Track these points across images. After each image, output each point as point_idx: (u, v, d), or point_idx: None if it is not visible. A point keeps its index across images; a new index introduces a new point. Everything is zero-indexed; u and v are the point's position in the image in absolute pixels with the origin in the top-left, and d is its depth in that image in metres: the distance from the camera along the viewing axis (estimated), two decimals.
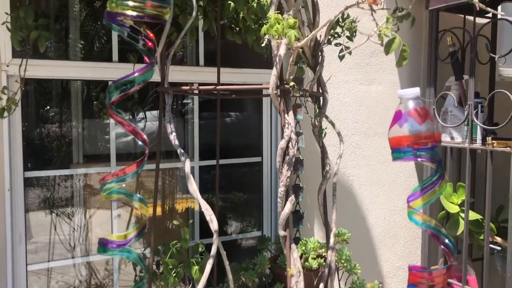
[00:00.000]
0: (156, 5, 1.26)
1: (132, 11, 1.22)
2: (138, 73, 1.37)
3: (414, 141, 1.33)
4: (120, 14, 1.23)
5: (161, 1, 1.26)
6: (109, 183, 1.42)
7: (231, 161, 2.65)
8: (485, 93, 2.86)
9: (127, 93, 1.39)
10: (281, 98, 1.55)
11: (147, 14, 1.24)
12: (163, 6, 1.27)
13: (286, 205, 1.51)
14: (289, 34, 1.30)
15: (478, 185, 2.85)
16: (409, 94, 1.35)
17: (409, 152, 1.33)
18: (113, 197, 1.46)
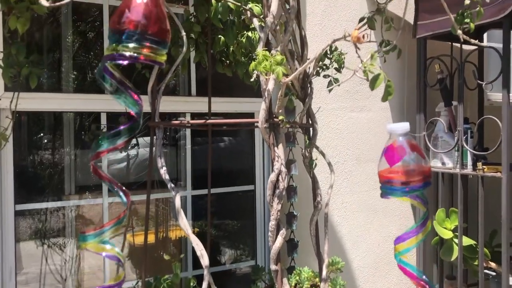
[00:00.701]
0: (154, 48, 1.28)
1: (130, 52, 1.25)
2: (124, 127, 1.38)
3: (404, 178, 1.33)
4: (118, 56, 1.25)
5: (159, 45, 1.29)
6: (88, 237, 1.42)
7: (224, 190, 2.65)
8: (475, 118, 2.90)
9: (113, 147, 1.39)
10: (270, 131, 1.56)
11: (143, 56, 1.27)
12: (160, 50, 1.30)
13: (277, 239, 1.51)
14: (277, 70, 1.32)
15: (471, 210, 2.86)
16: (399, 130, 1.36)
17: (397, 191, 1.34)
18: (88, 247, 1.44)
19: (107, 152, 1.40)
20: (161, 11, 1.31)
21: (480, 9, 1.65)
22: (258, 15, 1.51)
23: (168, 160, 3.02)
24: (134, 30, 1.25)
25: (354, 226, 2.83)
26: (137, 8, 1.26)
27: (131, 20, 1.25)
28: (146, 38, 1.26)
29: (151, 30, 1.27)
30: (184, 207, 2.61)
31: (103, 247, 1.49)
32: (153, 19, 1.27)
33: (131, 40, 1.25)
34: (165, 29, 1.32)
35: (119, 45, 1.25)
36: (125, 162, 3.20)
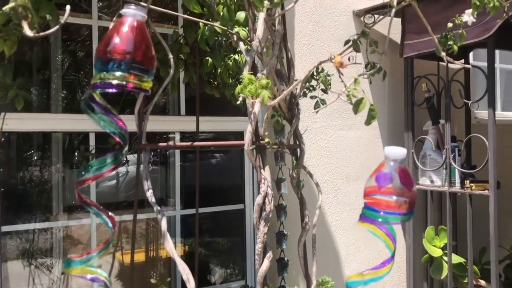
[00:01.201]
0: (140, 76, 1.29)
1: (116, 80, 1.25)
2: (110, 155, 1.38)
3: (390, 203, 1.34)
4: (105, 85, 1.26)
5: (144, 73, 1.30)
6: (73, 263, 1.41)
7: (213, 209, 2.64)
8: (462, 136, 2.93)
9: (101, 174, 1.39)
10: (257, 153, 1.57)
11: (130, 84, 1.27)
12: (146, 78, 1.31)
13: (264, 262, 1.50)
14: (262, 94, 1.34)
15: (460, 227, 2.87)
16: (396, 155, 1.36)
17: (377, 212, 1.34)
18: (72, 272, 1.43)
19: (92, 180, 1.40)
20: (147, 38, 1.32)
21: (463, 32, 1.68)
22: (245, 39, 1.52)
23: (158, 178, 3.01)
24: (120, 59, 1.25)
25: (344, 245, 2.82)
26: (123, 37, 1.27)
27: (118, 49, 1.26)
28: (132, 67, 1.27)
29: (137, 58, 1.28)
30: (173, 226, 2.60)
31: (90, 270, 1.48)
32: (139, 47, 1.28)
33: (117, 69, 1.25)
34: (151, 57, 1.33)
35: (105, 73, 1.25)
36: (115, 179, 3.18)
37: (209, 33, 1.53)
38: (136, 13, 1.29)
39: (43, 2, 1.50)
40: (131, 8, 1.28)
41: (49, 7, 1.54)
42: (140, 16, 1.29)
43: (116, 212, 2.87)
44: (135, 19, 1.29)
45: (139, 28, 1.29)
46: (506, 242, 3.07)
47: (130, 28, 1.29)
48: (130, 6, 1.27)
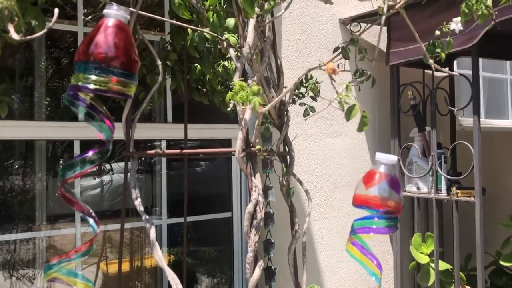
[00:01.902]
0: (122, 81, 1.24)
1: (94, 84, 1.20)
2: (92, 153, 1.34)
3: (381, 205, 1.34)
4: (81, 88, 1.21)
5: (127, 77, 1.25)
6: (53, 265, 1.37)
7: (200, 218, 2.61)
8: (448, 143, 2.96)
9: (82, 172, 1.35)
10: (247, 161, 1.55)
11: (110, 89, 1.22)
12: (129, 83, 1.26)
13: (255, 271, 1.48)
14: (254, 101, 1.32)
15: (447, 234, 2.89)
16: (387, 161, 1.37)
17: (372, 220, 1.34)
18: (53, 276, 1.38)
19: (75, 178, 1.36)
20: (130, 41, 1.27)
21: (450, 40, 1.70)
22: (235, 45, 1.52)
23: (144, 186, 2.97)
24: (100, 62, 1.20)
25: (332, 252, 2.81)
26: (103, 39, 1.22)
27: (97, 52, 1.21)
28: (113, 71, 1.22)
29: (119, 62, 1.23)
30: (160, 235, 2.56)
31: (74, 280, 1.44)
32: (120, 49, 1.23)
33: (96, 72, 1.20)
34: (134, 61, 1.28)
35: (83, 75, 1.20)
36: (99, 188, 3.13)
37: (198, 39, 1.52)
38: (118, 14, 1.24)
39: (29, 7, 1.47)
40: (113, 9, 1.24)
41: (35, 12, 1.50)
42: (122, 17, 1.24)
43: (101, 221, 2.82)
44: (116, 20, 1.25)
45: (121, 29, 1.24)
46: (491, 248, 3.10)
47: (111, 29, 1.24)
48: (112, 6, 1.22)
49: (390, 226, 1.35)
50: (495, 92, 4.27)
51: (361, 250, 1.36)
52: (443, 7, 2.44)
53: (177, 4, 1.34)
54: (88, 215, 1.40)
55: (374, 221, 1.34)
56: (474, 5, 1.31)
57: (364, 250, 1.37)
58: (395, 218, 1.34)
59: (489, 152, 3.30)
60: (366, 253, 1.37)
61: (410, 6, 2.31)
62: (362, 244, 1.36)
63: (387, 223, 1.34)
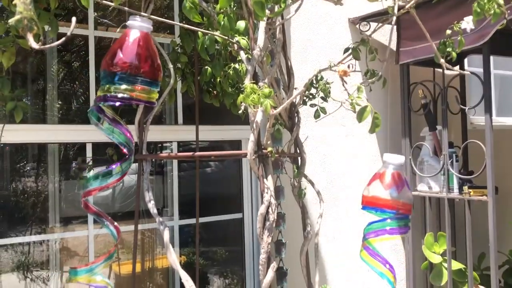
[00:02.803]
0: (146, 88, 1.29)
1: (122, 93, 1.25)
2: (116, 166, 1.38)
3: (391, 205, 1.34)
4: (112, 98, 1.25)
5: (150, 85, 1.29)
6: (79, 272, 1.40)
7: (211, 219, 2.63)
8: (459, 141, 2.94)
9: (107, 185, 1.39)
10: (259, 163, 1.56)
11: (135, 97, 1.27)
12: (152, 90, 1.31)
13: (268, 272, 1.49)
14: (265, 103, 1.33)
15: (459, 233, 2.87)
16: (395, 161, 1.37)
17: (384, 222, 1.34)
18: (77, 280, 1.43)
19: (98, 190, 1.39)
20: (153, 50, 1.32)
21: (462, 39, 1.69)
22: (245, 48, 1.52)
23: (155, 187, 2.99)
24: (126, 72, 1.25)
25: (344, 253, 2.81)
26: (129, 49, 1.26)
27: (124, 62, 1.25)
28: (138, 79, 1.27)
29: (143, 71, 1.27)
30: (172, 236, 2.58)
31: (93, 279, 1.47)
32: (145, 59, 1.28)
33: (123, 82, 1.25)
34: (157, 69, 1.33)
35: (111, 86, 1.25)
36: (110, 189, 3.15)
37: (209, 42, 1.53)
38: (142, 25, 1.28)
39: (42, 12, 1.49)
40: (137, 20, 1.28)
41: (49, 17, 1.52)
42: (146, 27, 1.28)
43: None
44: (140, 31, 1.29)
45: (144, 39, 1.29)
46: (505, 247, 3.07)
47: (136, 40, 1.28)
48: (136, 18, 1.27)
49: (401, 226, 1.35)
50: (507, 90, 4.23)
51: (371, 254, 1.36)
52: (453, 6, 2.42)
53: (188, 7, 1.35)
54: (110, 223, 1.43)
55: (387, 223, 1.34)
56: (486, 4, 1.30)
57: (376, 255, 1.37)
58: (406, 218, 1.34)
59: (502, 150, 3.27)
60: (376, 256, 1.37)
61: (420, 4, 2.30)
62: (373, 250, 1.36)
63: (398, 223, 1.34)
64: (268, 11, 1.53)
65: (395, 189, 1.34)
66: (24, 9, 0.74)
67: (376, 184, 1.42)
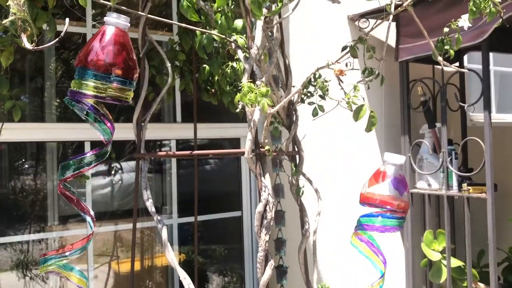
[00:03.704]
0: (119, 87, 1.26)
1: (93, 91, 1.23)
2: (93, 153, 1.38)
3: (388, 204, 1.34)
4: (80, 94, 1.24)
5: (124, 84, 1.27)
6: (49, 259, 1.40)
7: (210, 217, 2.63)
8: (458, 139, 2.94)
9: (80, 171, 1.38)
10: (257, 161, 1.56)
11: (108, 95, 1.25)
12: (126, 89, 1.28)
13: (266, 270, 1.49)
14: (262, 102, 1.33)
15: (458, 230, 2.87)
16: (395, 161, 1.37)
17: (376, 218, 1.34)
18: (50, 268, 1.42)
19: (72, 177, 1.38)
20: (129, 48, 1.29)
21: (459, 37, 1.69)
22: (243, 47, 1.52)
23: (154, 185, 2.99)
24: (99, 69, 1.23)
25: (343, 251, 2.81)
26: (104, 46, 1.24)
27: (98, 59, 1.23)
28: (112, 78, 1.24)
29: (116, 69, 1.25)
30: (171, 235, 2.58)
31: (68, 273, 1.47)
32: (119, 57, 1.25)
33: (97, 79, 1.23)
34: (132, 67, 1.30)
35: (83, 82, 1.23)
36: (109, 187, 3.15)
37: (207, 41, 1.52)
38: (118, 22, 1.25)
39: (40, 12, 1.48)
40: (113, 17, 1.25)
41: (46, 17, 1.52)
42: (122, 24, 1.26)
43: (111, 221, 2.85)
44: (116, 28, 1.26)
45: (120, 36, 1.26)
46: (504, 244, 3.07)
47: (111, 37, 1.26)
48: (112, 14, 1.24)
49: (394, 225, 1.35)
50: (507, 86, 4.22)
51: (367, 244, 1.36)
52: (452, 3, 2.41)
53: (186, 6, 1.34)
54: (86, 213, 1.43)
55: (378, 220, 1.34)
56: (482, 3, 1.29)
57: (372, 245, 1.37)
58: (401, 218, 1.34)
59: (501, 147, 3.27)
60: (374, 248, 1.37)
61: (418, 2, 2.29)
62: (369, 239, 1.36)
63: (391, 222, 1.34)
64: (266, 9, 1.53)
65: (393, 188, 1.34)
66: (17, 10, 0.74)
67: (374, 182, 1.42)
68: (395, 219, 1.33)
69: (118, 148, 2.67)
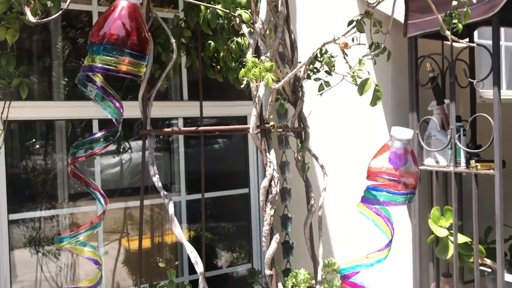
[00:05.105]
0: (133, 61, 1.27)
1: (107, 65, 1.24)
2: (103, 133, 1.39)
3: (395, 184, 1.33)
4: (93, 68, 1.25)
5: (138, 58, 1.28)
6: (64, 238, 1.43)
7: (218, 194, 2.65)
8: (467, 115, 2.91)
9: (92, 153, 1.40)
10: (262, 137, 1.56)
11: (122, 69, 1.26)
12: (140, 64, 1.29)
13: (271, 244, 1.51)
14: (266, 77, 1.32)
15: (465, 207, 2.87)
16: (403, 135, 1.35)
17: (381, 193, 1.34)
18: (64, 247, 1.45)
19: (85, 157, 1.41)
20: (140, 22, 1.30)
21: (468, 10, 1.66)
22: (247, 21, 1.51)
23: (162, 164, 3.02)
24: (112, 43, 1.24)
25: (349, 227, 2.83)
26: (116, 21, 1.25)
27: (111, 33, 1.24)
28: (125, 52, 1.26)
29: (130, 43, 1.26)
30: (179, 212, 2.61)
31: (81, 249, 1.51)
32: (132, 31, 1.26)
33: (109, 53, 1.24)
34: (144, 41, 1.31)
35: (97, 57, 1.25)
36: (118, 167, 3.19)
37: (211, 16, 1.51)
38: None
39: None
40: None
41: None
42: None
43: (121, 199, 2.88)
44: (128, 2, 1.27)
45: (132, 11, 1.27)
46: (511, 221, 3.07)
47: (124, 11, 1.27)
48: None
49: (402, 201, 1.35)
50: None
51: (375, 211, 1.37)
52: None
53: None
54: (97, 192, 1.45)
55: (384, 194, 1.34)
56: None
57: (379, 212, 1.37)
58: (409, 193, 1.34)
59: (510, 124, 3.23)
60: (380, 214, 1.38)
61: None
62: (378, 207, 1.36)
63: (398, 198, 1.34)
64: None
65: (401, 162, 1.33)
66: None
67: (381, 157, 1.41)
68: (402, 195, 1.33)
69: (126, 127, 2.69)
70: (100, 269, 1.52)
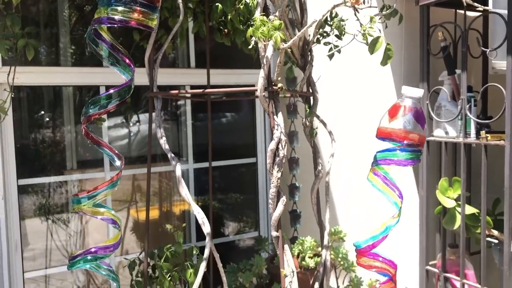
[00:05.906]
0: (145, 12, 1.27)
1: (120, 15, 1.24)
2: (116, 90, 1.38)
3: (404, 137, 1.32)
4: (107, 19, 1.24)
5: (149, 9, 1.28)
6: (82, 199, 1.43)
7: (225, 163, 2.66)
8: (479, 87, 2.86)
9: (107, 110, 1.39)
10: (269, 99, 1.55)
11: (133, 19, 1.26)
12: (151, 14, 1.29)
13: (278, 206, 1.51)
14: (275, 36, 1.30)
15: (474, 178, 2.84)
16: (413, 94, 1.33)
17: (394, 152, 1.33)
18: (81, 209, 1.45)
19: (98, 115, 1.40)
20: None
21: None
22: None
23: (170, 136, 3.02)
24: None
25: (357, 191, 2.82)
26: None
27: None
28: (136, 2, 1.25)
29: None
30: (187, 181, 2.62)
31: (97, 210, 1.51)
32: None
33: (120, 4, 1.24)
34: None
35: (108, 8, 1.24)
36: (126, 139, 3.20)
37: None
38: None
39: None
40: None
41: None
42: None
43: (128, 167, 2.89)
44: None
45: None
46: None
47: None
48: None
49: (412, 158, 1.33)
50: None
51: (383, 180, 1.36)
52: None
53: None
54: (110, 151, 1.45)
55: (396, 153, 1.33)
56: None
57: (387, 180, 1.37)
58: (418, 151, 1.33)
59: None
60: (389, 183, 1.37)
61: None
62: (385, 175, 1.36)
63: (409, 155, 1.32)
64: None
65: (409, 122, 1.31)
66: None
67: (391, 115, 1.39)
68: (412, 152, 1.32)
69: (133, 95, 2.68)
70: (119, 229, 1.52)
